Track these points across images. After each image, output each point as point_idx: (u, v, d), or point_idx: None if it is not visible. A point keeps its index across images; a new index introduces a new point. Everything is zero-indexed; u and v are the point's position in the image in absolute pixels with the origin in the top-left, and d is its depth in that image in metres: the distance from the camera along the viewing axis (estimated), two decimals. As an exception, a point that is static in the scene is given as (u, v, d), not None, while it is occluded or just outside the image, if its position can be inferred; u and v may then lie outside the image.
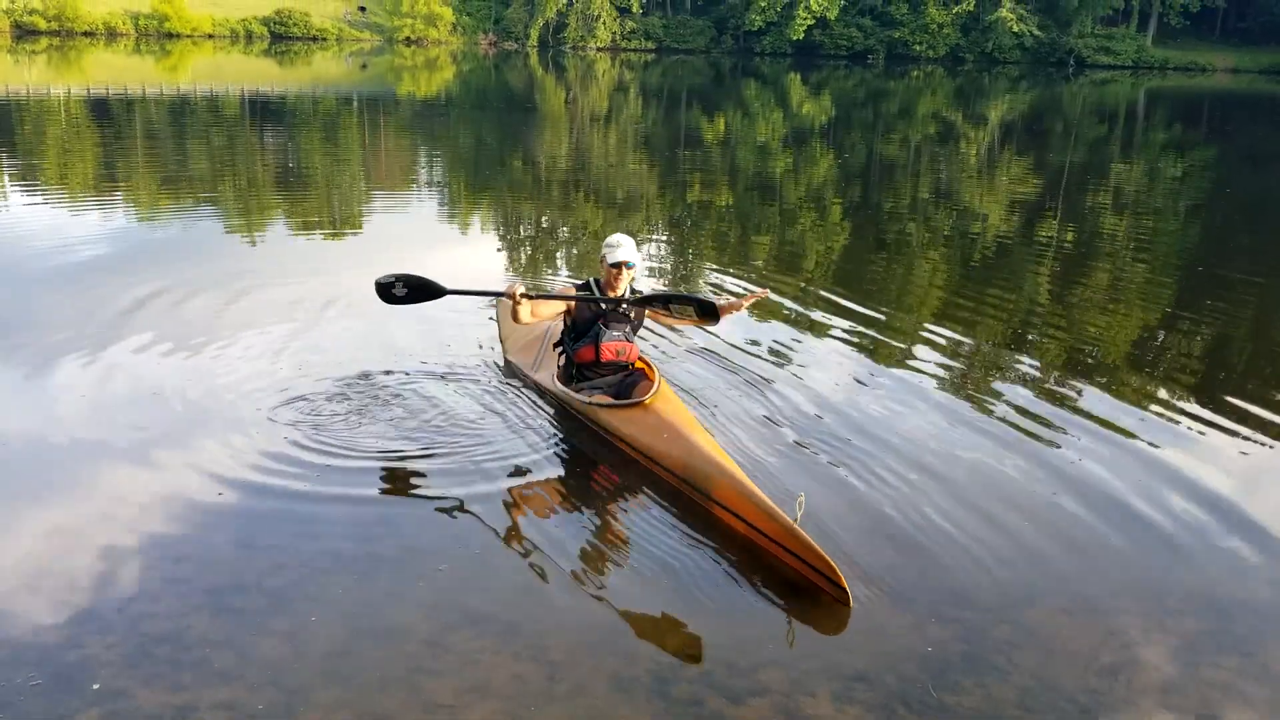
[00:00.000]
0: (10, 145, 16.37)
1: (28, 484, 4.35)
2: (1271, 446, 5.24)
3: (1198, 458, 5.05)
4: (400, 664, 3.21)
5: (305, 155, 16.92)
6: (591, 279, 5.21)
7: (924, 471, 4.71)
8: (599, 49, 67.03)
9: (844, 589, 3.56)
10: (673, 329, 6.51)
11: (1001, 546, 4.04)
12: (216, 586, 3.59)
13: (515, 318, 4.93)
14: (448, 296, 5.27)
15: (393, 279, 5.21)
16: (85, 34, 56.67)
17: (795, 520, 3.74)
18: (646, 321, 5.43)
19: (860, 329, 7.11)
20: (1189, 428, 5.45)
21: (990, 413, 5.55)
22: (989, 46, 64.40)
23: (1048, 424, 5.41)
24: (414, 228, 11.11)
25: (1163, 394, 6.00)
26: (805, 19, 64.78)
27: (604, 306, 5.11)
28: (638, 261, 5.07)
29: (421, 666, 3.21)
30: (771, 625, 3.51)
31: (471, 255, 9.72)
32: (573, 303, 5.12)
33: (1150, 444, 5.19)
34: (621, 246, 4.99)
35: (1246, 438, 5.34)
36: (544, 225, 11.38)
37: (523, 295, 4.86)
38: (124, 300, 7.08)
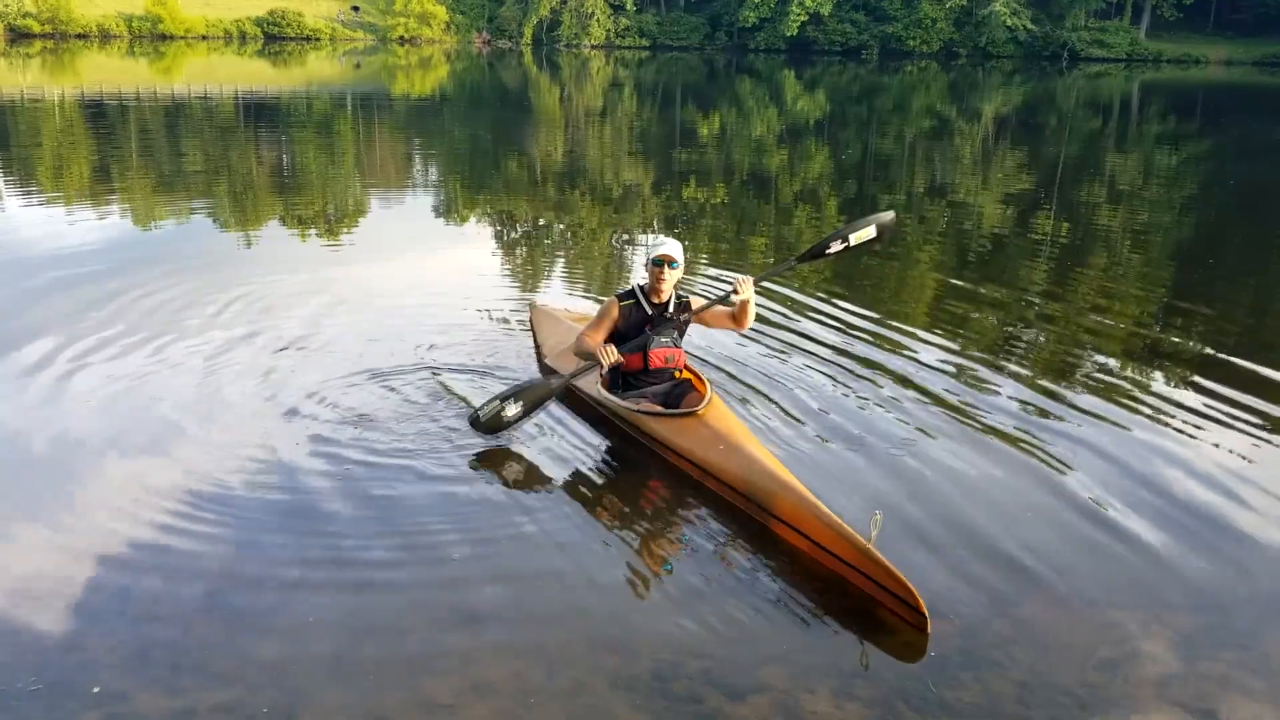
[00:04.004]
0: (4, 147, 16.32)
1: (25, 488, 4.34)
2: (1269, 440, 5.24)
3: (1195, 452, 5.06)
4: (400, 664, 3.21)
5: (299, 155, 16.88)
6: (636, 285, 5.12)
7: (919, 467, 4.72)
8: (593, 47, 66.98)
9: (923, 614, 3.40)
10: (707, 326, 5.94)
11: (998, 542, 4.05)
12: (215, 589, 3.59)
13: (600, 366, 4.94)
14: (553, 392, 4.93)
15: (498, 404, 4.71)
16: (79, 36, 56.53)
17: (870, 540, 3.61)
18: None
19: (852, 330, 7.09)
20: (1186, 421, 5.45)
21: (987, 408, 5.55)
22: (982, 41, 64.39)
23: (1045, 420, 5.41)
24: (410, 228, 11.08)
25: (1159, 388, 6.00)
26: (799, 15, 64.73)
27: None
28: (682, 261, 4.98)
29: (421, 666, 3.21)
30: (772, 622, 3.51)
31: (468, 256, 9.69)
32: (616, 315, 5.01)
33: (1147, 438, 5.20)
34: (666, 243, 4.94)
35: (1244, 430, 5.34)
36: (540, 223, 11.37)
37: (616, 358, 4.83)
38: (123, 303, 7.07)
